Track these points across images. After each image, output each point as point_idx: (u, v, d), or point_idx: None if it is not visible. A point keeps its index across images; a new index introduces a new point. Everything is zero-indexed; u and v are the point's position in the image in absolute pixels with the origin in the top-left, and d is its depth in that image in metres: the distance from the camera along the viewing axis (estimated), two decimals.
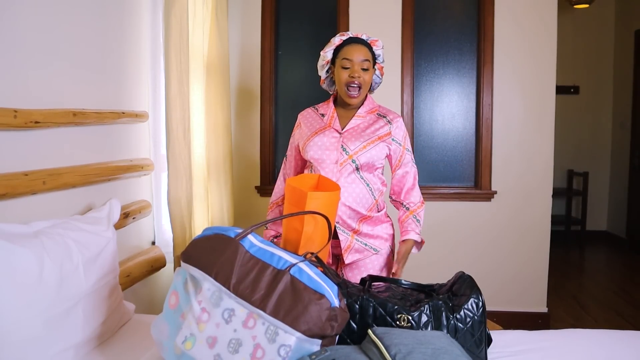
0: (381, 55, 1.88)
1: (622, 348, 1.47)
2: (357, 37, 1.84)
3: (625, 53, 5.10)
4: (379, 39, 1.87)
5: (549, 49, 3.03)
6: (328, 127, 1.86)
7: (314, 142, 1.84)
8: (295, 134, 1.98)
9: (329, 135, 1.84)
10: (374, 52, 1.86)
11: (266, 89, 3.16)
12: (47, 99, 1.60)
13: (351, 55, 1.80)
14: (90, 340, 1.44)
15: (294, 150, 1.99)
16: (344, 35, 1.85)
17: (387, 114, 1.90)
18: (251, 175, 3.21)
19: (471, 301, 1.33)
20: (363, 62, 1.80)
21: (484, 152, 3.09)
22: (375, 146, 1.81)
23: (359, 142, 1.80)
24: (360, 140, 1.81)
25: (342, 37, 1.85)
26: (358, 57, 1.79)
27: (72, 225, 1.48)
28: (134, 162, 2.14)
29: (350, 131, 1.84)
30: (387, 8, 3.09)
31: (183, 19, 2.16)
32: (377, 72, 1.92)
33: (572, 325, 3.16)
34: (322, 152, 1.81)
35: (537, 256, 3.12)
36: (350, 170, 1.79)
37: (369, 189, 1.82)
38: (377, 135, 1.83)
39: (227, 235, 1.26)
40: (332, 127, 1.86)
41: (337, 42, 1.85)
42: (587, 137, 5.48)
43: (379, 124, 1.86)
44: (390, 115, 1.90)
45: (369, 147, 1.80)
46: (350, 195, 1.79)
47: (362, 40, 1.84)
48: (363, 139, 1.81)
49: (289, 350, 1.11)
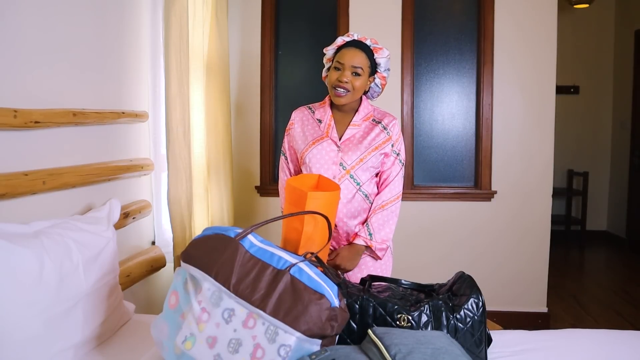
0: (383, 64, 1.83)
1: (622, 348, 1.47)
2: (359, 42, 1.80)
3: (625, 53, 5.10)
4: (384, 48, 1.83)
5: (549, 49, 3.03)
6: (326, 137, 1.83)
7: (313, 154, 1.81)
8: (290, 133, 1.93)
9: (327, 148, 1.81)
10: (375, 59, 1.82)
11: (266, 89, 3.16)
12: (47, 99, 1.60)
13: (344, 59, 1.77)
14: (90, 340, 1.45)
15: (292, 150, 1.95)
16: (348, 36, 1.83)
17: (382, 118, 1.86)
18: (251, 175, 3.21)
19: (471, 301, 1.33)
20: (355, 67, 1.76)
21: (484, 152, 3.09)
22: (371, 157, 1.80)
23: (356, 156, 1.78)
24: (357, 153, 1.79)
25: (345, 39, 1.82)
26: (350, 62, 1.76)
27: (72, 225, 1.48)
28: (134, 162, 2.14)
29: (347, 142, 1.81)
30: (387, 8, 3.09)
31: (183, 19, 2.16)
32: (377, 81, 1.87)
33: (572, 325, 3.16)
34: (321, 165, 1.80)
35: (537, 256, 3.12)
36: (348, 184, 1.78)
37: (366, 198, 1.82)
38: (374, 146, 1.81)
39: (227, 235, 1.26)
40: (330, 137, 1.83)
41: (339, 42, 1.83)
42: (587, 137, 5.48)
43: (375, 131, 1.83)
44: (385, 120, 1.86)
45: (365, 160, 1.79)
46: (349, 211, 1.79)
47: (362, 45, 1.79)
48: (360, 151, 1.79)
49: (289, 350, 1.11)
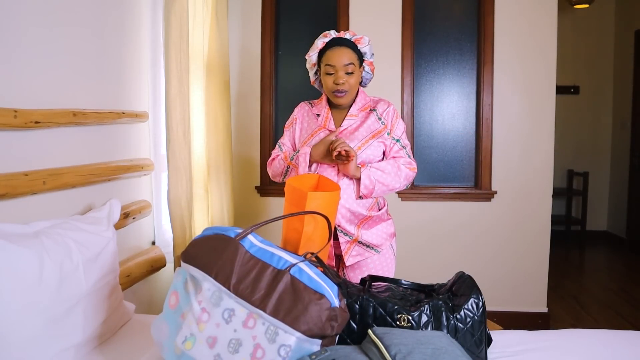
0: (368, 51, 1.83)
1: (622, 348, 1.47)
2: (340, 39, 1.79)
3: (625, 53, 5.10)
4: (363, 36, 1.81)
5: (549, 49, 3.03)
6: (323, 129, 1.85)
7: (309, 145, 1.82)
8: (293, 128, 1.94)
9: (323, 136, 1.82)
10: (360, 50, 1.81)
11: (266, 89, 3.16)
12: (47, 99, 1.60)
13: (333, 61, 1.76)
14: (90, 340, 1.45)
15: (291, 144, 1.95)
16: (326, 36, 1.81)
17: (377, 106, 1.87)
18: (251, 175, 3.21)
19: (471, 301, 1.33)
20: (347, 66, 1.76)
21: (484, 152, 3.09)
22: (369, 145, 1.80)
23: (354, 143, 1.79)
24: (354, 141, 1.80)
25: (325, 39, 1.81)
26: (341, 62, 1.76)
27: (72, 225, 1.48)
28: (134, 162, 2.14)
29: (345, 132, 1.83)
30: (387, 8, 3.09)
31: (183, 19, 2.16)
32: (367, 69, 1.87)
33: (572, 325, 3.16)
34: None
35: (537, 256, 3.12)
36: None
37: None
38: (371, 133, 1.82)
39: (227, 235, 1.26)
40: (326, 128, 1.85)
41: (320, 45, 1.81)
42: (587, 137, 5.48)
43: (371, 119, 1.84)
44: (379, 108, 1.86)
45: (364, 148, 1.80)
46: (350, 197, 1.79)
47: (345, 41, 1.79)
48: (357, 139, 1.80)
49: (289, 350, 1.11)
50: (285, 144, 1.96)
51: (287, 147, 1.95)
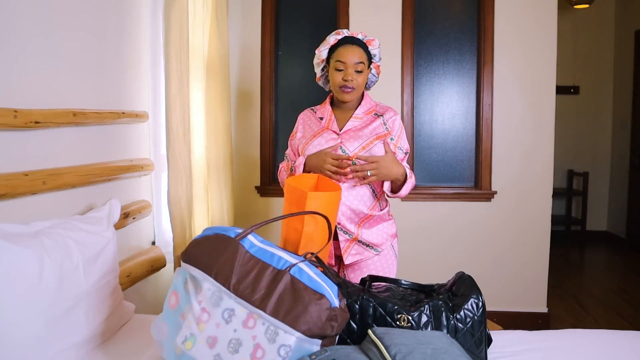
0: (377, 54, 1.86)
1: (622, 348, 1.47)
2: (352, 37, 1.82)
3: (625, 53, 5.10)
4: (375, 38, 1.85)
5: (549, 49, 3.03)
6: (326, 129, 1.86)
7: (313, 145, 1.83)
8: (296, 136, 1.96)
9: (327, 137, 1.83)
10: (370, 51, 1.84)
11: (266, 89, 3.16)
12: (47, 99, 1.60)
13: (345, 57, 1.78)
14: (90, 340, 1.44)
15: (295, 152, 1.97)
16: (339, 34, 1.83)
17: (383, 112, 1.89)
18: (251, 175, 3.21)
19: (471, 301, 1.33)
20: (357, 64, 1.78)
21: (484, 152, 3.09)
22: (374, 146, 1.81)
23: (358, 143, 1.80)
24: (359, 141, 1.80)
25: (338, 37, 1.83)
26: (352, 60, 1.78)
27: (72, 225, 1.48)
28: (134, 162, 2.14)
29: (349, 132, 1.83)
30: (387, 8, 3.09)
31: (183, 19, 2.16)
32: (374, 71, 1.90)
33: (572, 325, 3.16)
34: None
35: (537, 256, 3.12)
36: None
37: (371, 188, 1.82)
38: (376, 135, 1.82)
39: (227, 235, 1.26)
40: (330, 129, 1.85)
41: (332, 41, 1.83)
42: (587, 137, 5.48)
43: (377, 122, 1.85)
44: (387, 115, 1.88)
45: (368, 148, 1.80)
46: (351, 194, 1.79)
47: (357, 41, 1.81)
48: (362, 139, 1.81)
49: (289, 350, 1.11)
50: (289, 154, 1.99)
51: (290, 157, 1.98)
